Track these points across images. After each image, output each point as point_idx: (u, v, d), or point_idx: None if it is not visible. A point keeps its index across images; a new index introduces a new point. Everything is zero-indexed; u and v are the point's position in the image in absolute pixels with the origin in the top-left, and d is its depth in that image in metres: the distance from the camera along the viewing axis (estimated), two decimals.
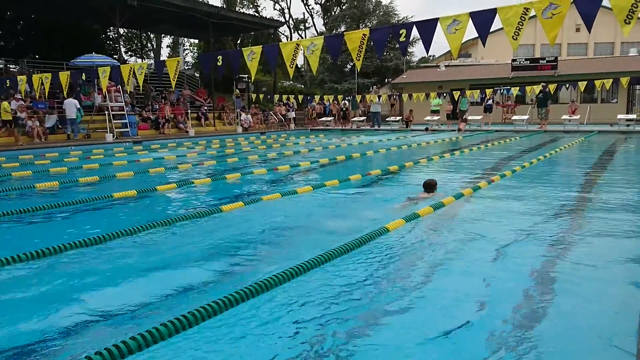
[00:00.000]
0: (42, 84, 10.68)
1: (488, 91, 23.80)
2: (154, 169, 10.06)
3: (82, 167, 10.51)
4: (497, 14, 5.47)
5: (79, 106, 17.71)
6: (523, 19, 5.33)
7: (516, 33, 5.35)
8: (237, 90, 26.05)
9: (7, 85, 11.74)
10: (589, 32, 5.61)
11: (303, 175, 9.40)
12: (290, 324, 2.86)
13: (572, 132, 19.28)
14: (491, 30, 5.81)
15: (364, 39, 6.16)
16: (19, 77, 10.81)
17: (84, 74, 11.07)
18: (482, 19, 5.52)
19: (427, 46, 5.82)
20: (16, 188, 7.86)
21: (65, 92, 13.00)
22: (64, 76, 10.10)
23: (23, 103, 17.32)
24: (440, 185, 6.68)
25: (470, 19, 5.59)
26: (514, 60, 30.07)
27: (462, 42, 6.13)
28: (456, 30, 5.56)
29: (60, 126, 18.18)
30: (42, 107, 18.34)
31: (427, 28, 5.78)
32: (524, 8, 5.40)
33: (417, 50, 42.81)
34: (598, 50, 43.28)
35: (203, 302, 2.91)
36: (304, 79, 43.22)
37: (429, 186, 6.38)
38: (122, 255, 4.29)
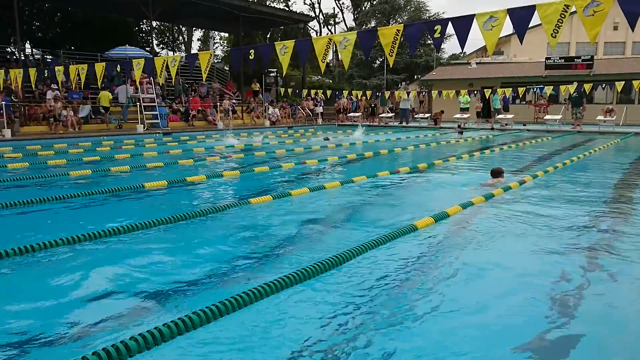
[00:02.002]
0: (78, 75, 10.92)
1: (520, 89, 23.32)
2: (184, 160, 10.20)
3: (114, 157, 10.74)
4: (535, 11, 5.34)
5: (130, 94, 18.35)
6: (563, 16, 5.18)
7: (555, 30, 5.21)
8: (257, 84, 26.21)
9: (45, 75, 12.03)
10: (632, 30, 5.42)
11: (331, 169, 9.39)
12: (325, 314, 2.87)
13: (608, 134, 18.75)
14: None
15: (397, 35, 6.09)
16: (56, 68, 11.08)
17: (118, 66, 11.28)
18: (520, 16, 5.39)
19: (462, 43, 5.72)
20: (51, 175, 8.07)
21: (99, 83, 13.26)
22: (99, 67, 10.32)
23: (59, 93, 17.81)
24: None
25: (507, 16, 5.47)
26: (547, 58, 29.37)
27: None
28: (492, 27, 5.45)
29: (93, 116, 18.61)
30: (76, 98, 18.79)
31: (462, 24, 5.67)
32: (564, 5, 5.25)
33: (447, 47, 42.28)
34: (636, 49, 41.85)
35: (238, 290, 2.93)
36: (333, 74, 43.13)
37: (497, 173, 7.18)
38: (152, 244, 4.36)
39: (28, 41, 27.33)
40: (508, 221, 5.16)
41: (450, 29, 6.08)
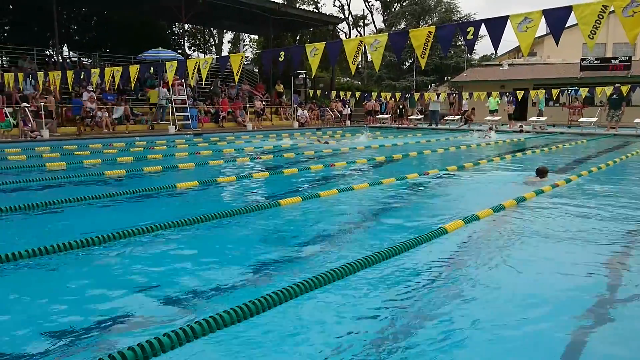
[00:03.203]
0: (113, 76, 11.20)
1: (554, 91, 22.78)
2: (214, 160, 10.35)
3: (147, 157, 10.97)
4: (572, 12, 5.21)
5: (168, 95, 18.78)
6: (601, 16, 5.05)
7: (593, 32, 5.07)
8: (280, 85, 26.34)
9: (82, 77, 12.39)
10: None
11: (359, 171, 9.37)
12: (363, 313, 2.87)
13: None
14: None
15: (429, 37, 6.03)
16: (92, 70, 11.39)
17: (152, 68, 11.52)
18: (556, 17, 5.27)
19: (495, 45, 5.62)
20: (87, 174, 8.30)
21: (133, 85, 13.58)
22: (134, 69, 10.56)
23: (94, 95, 18.29)
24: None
25: (542, 17, 5.36)
26: (583, 59, 28.61)
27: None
28: (527, 28, 5.34)
29: (132, 116, 19.06)
30: (111, 99, 19.27)
31: (496, 26, 5.58)
32: (602, 5, 5.11)
33: (479, 48, 41.67)
34: None
35: (268, 290, 2.96)
36: (362, 75, 43.02)
37: (541, 172, 7.42)
38: (184, 243, 4.44)
39: (65, 44, 28.17)
40: (551, 221, 5.18)
41: (482, 30, 6.00)
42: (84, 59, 25.63)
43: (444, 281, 3.54)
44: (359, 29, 47.94)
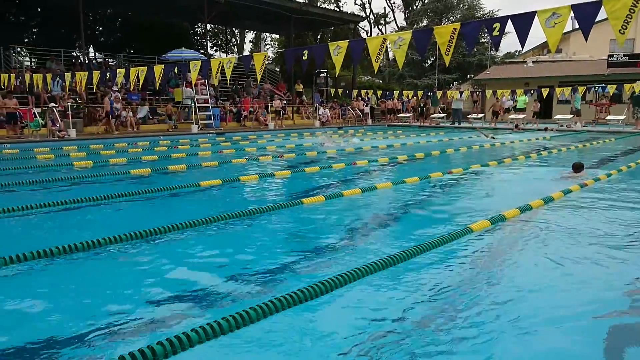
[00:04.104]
0: (138, 77, 11.37)
1: (581, 89, 22.31)
2: (236, 159, 10.42)
3: (171, 156, 11.10)
4: (602, 7, 5.08)
5: (192, 95, 19.06)
6: (632, 11, 4.91)
7: (624, 27, 4.94)
8: (300, 84, 26.36)
9: (107, 77, 12.61)
10: None
11: (382, 170, 9.33)
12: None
13: None
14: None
15: (454, 34, 5.96)
16: (118, 70, 11.58)
17: (176, 68, 11.68)
18: (585, 12, 5.15)
19: (522, 41, 5.52)
20: (113, 173, 8.44)
21: (157, 85, 13.77)
22: (158, 69, 10.71)
23: (119, 95, 18.61)
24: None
25: (571, 12, 5.24)
26: (610, 55, 27.96)
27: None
28: (555, 24, 5.23)
29: (150, 117, 19.33)
30: (135, 99, 19.58)
31: (523, 22, 5.48)
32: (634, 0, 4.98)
33: (502, 45, 41.01)
34: None
35: (290, 289, 2.97)
36: (383, 74, 42.81)
37: (578, 167, 7.54)
38: (207, 241, 4.49)
39: (91, 45, 28.71)
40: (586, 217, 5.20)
41: (508, 26, 5.90)
42: (109, 60, 26.08)
43: (481, 277, 3.50)
44: (380, 27, 47.74)
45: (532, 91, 24.01)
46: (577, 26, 34.47)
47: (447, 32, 6.02)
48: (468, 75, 39.62)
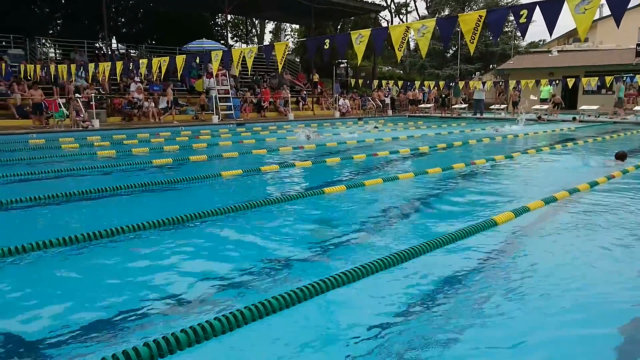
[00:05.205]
0: (160, 68, 11.43)
1: (608, 79, 21.75)
2: (257, 150, 10.44)
3: (192, 147, 11.18)
4: None
5: (214, 85, 19.22)
6: None
7: None
8: (316, 74, 26.22)
9: (130, 68, 12.73)
10: None
11: (403, 161, 9.24)
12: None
13: None
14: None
15: (479, 21, 5.83)
16: (140, 61, 11.67)
17: (198, 58, 11.71)
18: None
19: (550, 29, 5.35)
20: (136, 163, 8.54)
21: (179, 75, 13.85)
22: (180, 60, 10.75)
23: (141, 86, 18.79)
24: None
25: None
26: (639, 44, 27.14)
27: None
28: (586, 10, 5.06)
29: (171, 107, 19.48)
30: (157, 90, 19.74)
31: (552, 8, 5.31)
32: None
33: (526, 34, 40.09)
34: None
35: (315, 278, 2.95)
36: (404, 64, 42.36)
37: (621, 156, 7.90)
38: (230, 231, 4.50)
39: (114, 37, 29.01)
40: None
41: (536, 14, 5.74)
42: (131, 51, 26.34)
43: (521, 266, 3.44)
44: (401, 16, 47.18)
45: (556, 81, 23.49)
46: (604, 14, 33.57)
47: (473, 19, 5.88)
48: (491, 66, 38.95)
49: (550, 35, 5.61)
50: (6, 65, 16.99)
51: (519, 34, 37.88)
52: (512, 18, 5.91)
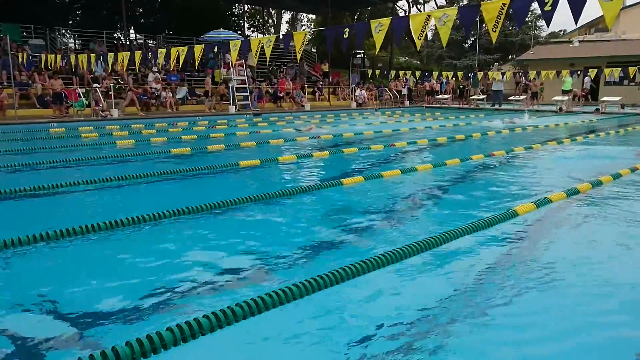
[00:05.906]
0: (178, 58, 11.49)
1: (631, 69, 21.28)
2: (274, 140, 10.44)
3: (210, 136, 11.22)
4: None
5: (231, 76, 19.33)
6: None
7: None
8: (326, 64, 26.04)
9: (149, 58, 12.81)
10: None
11: (421, 152, 9.17)
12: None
13: None
14: None
15: (502, 9, 5.72)
16: (159, 50, 11.72)
17: (216, 48, 11.74)
18: None
19: (576, 17, 5.22)
20: (155, 152, 8.60)
21: (196, 66, 13.89)
22: (198, 50, 10.78)
23: (159, 76, 18.90)
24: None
25: None
26: None
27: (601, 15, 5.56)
28: None
29: (189, 97, 19.58)
30: (174, 80, 19.85)
31: None
32: None
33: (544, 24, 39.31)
34: None
35: (335, 266, 2.95)
36: (421, 55, 41.94)
37: None
38: (244, 220, 4.51)
39: (132, 27, 29.18)
40: None
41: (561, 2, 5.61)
42: (149, 41, 26.49)
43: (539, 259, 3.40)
44: (419, 6, 46.61)
45: (578, 72, 23.05)
46: (627, 3, 32.71)
47: (496, 7, 5.77)
48: (510, 56, 38.36)
49: (576, 22, 5.48)
50: (27, 55, 17.23)
51: (539, 23, 37.22)
52: (535, 6, 5.76)
